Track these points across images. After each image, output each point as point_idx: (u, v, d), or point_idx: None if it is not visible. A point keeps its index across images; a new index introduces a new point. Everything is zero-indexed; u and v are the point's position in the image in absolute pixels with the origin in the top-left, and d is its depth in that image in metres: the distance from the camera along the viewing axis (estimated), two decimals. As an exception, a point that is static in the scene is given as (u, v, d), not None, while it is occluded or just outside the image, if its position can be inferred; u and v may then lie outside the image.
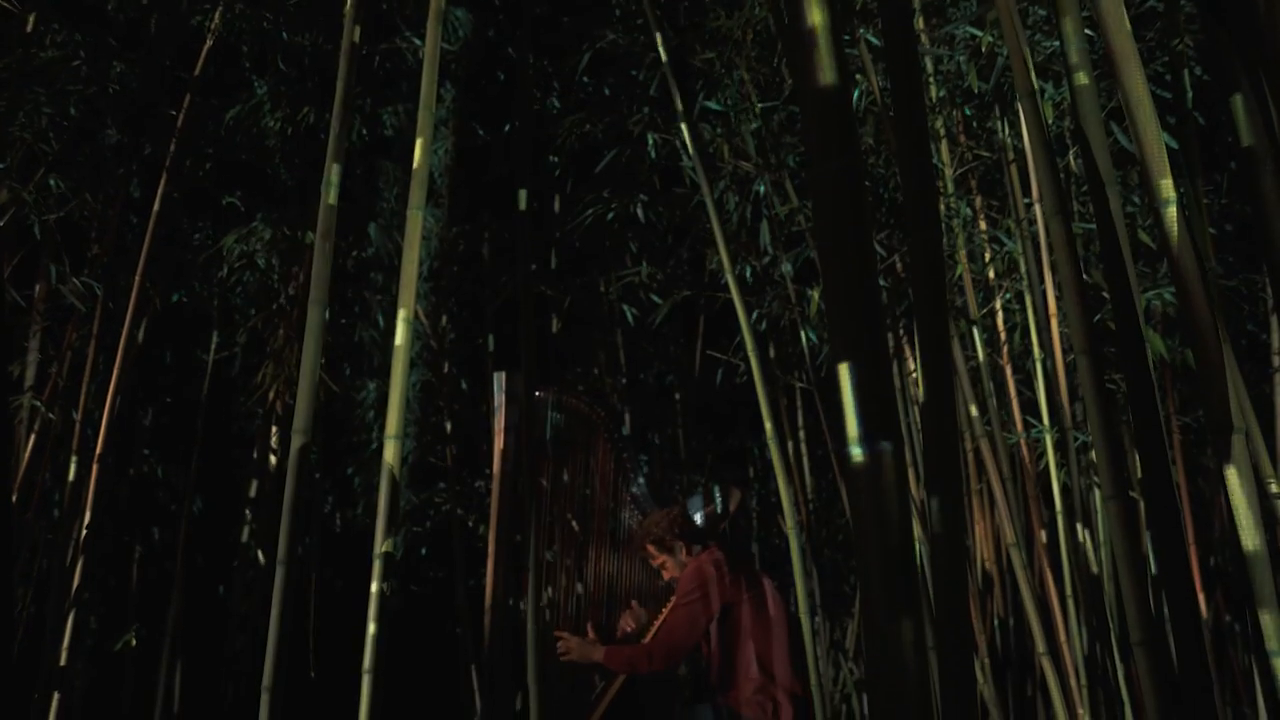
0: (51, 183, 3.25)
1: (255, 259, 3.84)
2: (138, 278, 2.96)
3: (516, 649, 3.03)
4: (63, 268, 3.44)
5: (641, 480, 3.36)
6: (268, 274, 3.88)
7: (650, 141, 3.94)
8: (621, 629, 3.34)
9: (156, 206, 3.03)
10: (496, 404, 3.08)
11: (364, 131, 4.21)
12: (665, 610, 3.24)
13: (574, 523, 3.43)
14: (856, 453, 0.67)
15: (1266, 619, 1.44)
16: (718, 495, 3.30)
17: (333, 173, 1.83)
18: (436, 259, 4.17)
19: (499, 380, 3.14)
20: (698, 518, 3.37)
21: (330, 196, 1.85)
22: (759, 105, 3.44)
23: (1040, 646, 2.73)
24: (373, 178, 4.20)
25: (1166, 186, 1.54)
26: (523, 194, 1.85)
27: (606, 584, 3.41)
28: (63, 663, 2.94)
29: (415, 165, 1.76)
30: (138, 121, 3.59)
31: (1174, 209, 1.50)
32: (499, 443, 3.15)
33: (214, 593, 4.70)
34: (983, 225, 3.23)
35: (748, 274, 3.72)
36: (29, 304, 3.41)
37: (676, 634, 3.00)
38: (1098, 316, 2.80)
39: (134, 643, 4.07)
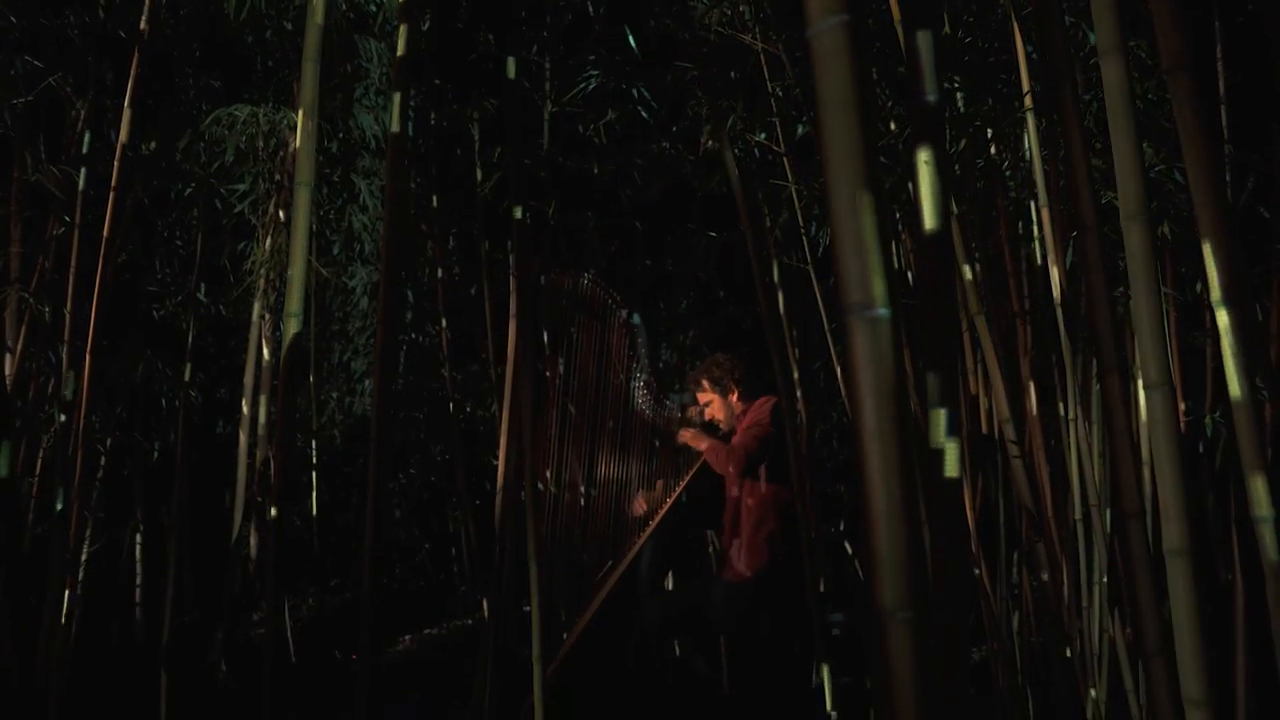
0: (17, 65, 3.13)
1: (238, 142, 3.73)
2: (117, 162, 2.87)
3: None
4: (39, 155, 3.35)
5: (646, 365, 3.39)
6: (252, 158, 3.78)
7: (643, 14, 3.78)
8: (636, 508, 3.41)
9: (130, 88, 2.91)
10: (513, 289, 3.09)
11: (344, 7, 4.03)
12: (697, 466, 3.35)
13: (586, 406, 3.47)
14: (853, 320, 0.65)
15: (1254, 484, 1.46)
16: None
17: (313, 48, 1.75)
18: (425, 141, 4.06)
19: (513, 264, 3.13)
20: (692, 411, 3.42)
21: (312, 73, 1.77)
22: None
23: (1028, 520, 2.79)
24: (354, 55, 4.05)
25: (1178, 53, 1.48)
26: (511, 62, 1.77)
27: (619, 467, 3.47)
28: (70, 548, 3.00)
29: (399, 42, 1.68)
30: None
31: (1185, 76, 1.44)
32: (514, 326, 3.16)
33: (217, 481, 4.77)
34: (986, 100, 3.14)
35: (740, 149, 3.63)
36: (6, 194, 3.33)
37: (753, 445, 3.05)
38: (1101, 194, 2.74)
39: (140, 527, 4.16)
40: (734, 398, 3.27)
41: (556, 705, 3.11)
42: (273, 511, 1.63)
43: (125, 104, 2.93)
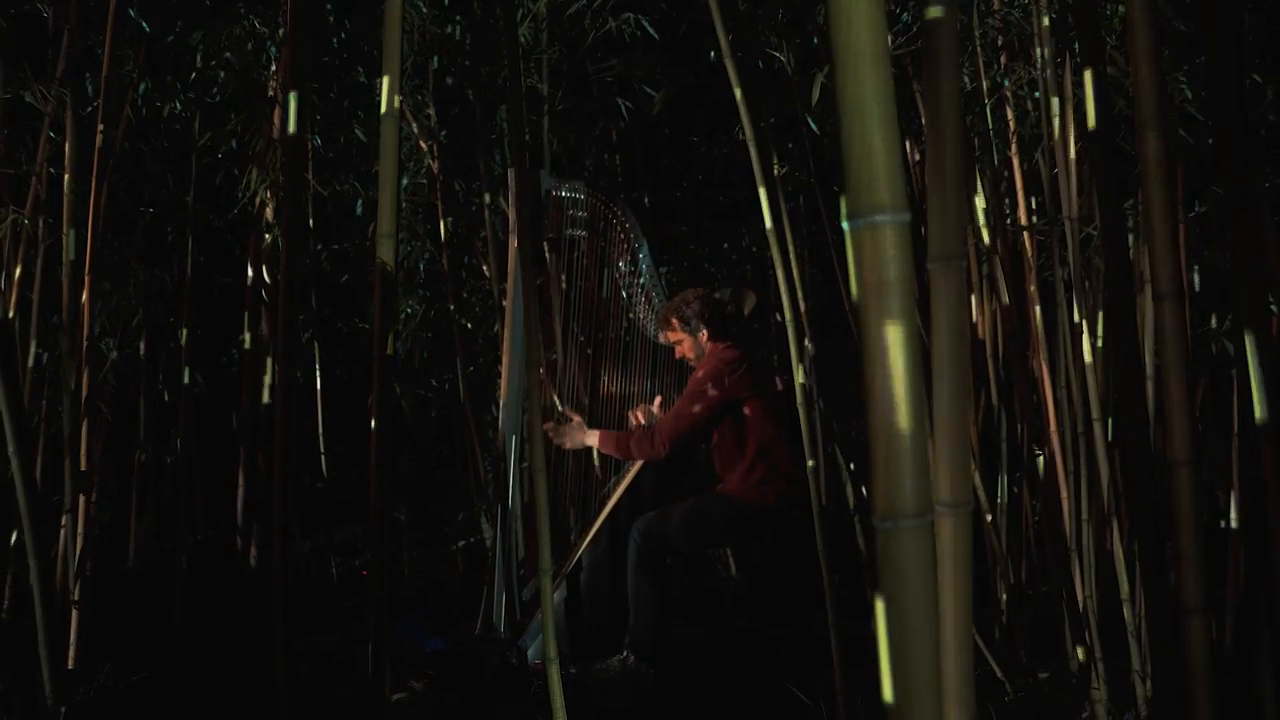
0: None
1: (227, 56, 3.63)
2: (104, 75, 2.80)
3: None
4: (24, 73, 3.26)
5: (648, 275, 3.36)
6: (243, 72, 3.67)
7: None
8: (633, 420, 3.42)
9: (111, 2, 2.82)
10: (510, 202, 3.05)
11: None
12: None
13: (589, 321, 3.46)
14: (858, 225, 0.63)
15: (1257, 397, 1.46)
16: (731, 298, 3.31)
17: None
18: (420, 52, 3.94)
19: (511, 178, 3.08)
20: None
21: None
22: None
23: (1028, 433, 2.80)
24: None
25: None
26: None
27: (618, 381, 3.48)
28: (84, 467, 3.03)
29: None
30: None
31: (1212, -30, 1.38)
32: (512, 241, 3.13)
33: (223, 402, 4.79)
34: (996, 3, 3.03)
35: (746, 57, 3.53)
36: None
37: (682, 420, 3.08)
38: (1115, 102, 2.67)
39: (150, 449, 4.20)
40: (704, 337, 3.22)
41: (565, 619, 3.18)
42: (277, 427, 1.64)
43: (109, 18, 2.85)
